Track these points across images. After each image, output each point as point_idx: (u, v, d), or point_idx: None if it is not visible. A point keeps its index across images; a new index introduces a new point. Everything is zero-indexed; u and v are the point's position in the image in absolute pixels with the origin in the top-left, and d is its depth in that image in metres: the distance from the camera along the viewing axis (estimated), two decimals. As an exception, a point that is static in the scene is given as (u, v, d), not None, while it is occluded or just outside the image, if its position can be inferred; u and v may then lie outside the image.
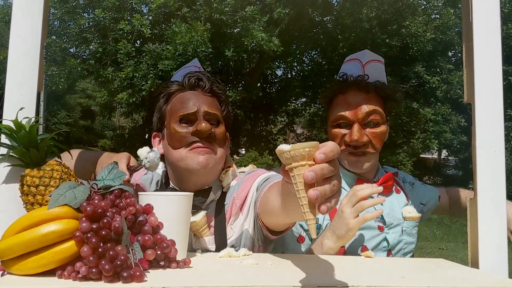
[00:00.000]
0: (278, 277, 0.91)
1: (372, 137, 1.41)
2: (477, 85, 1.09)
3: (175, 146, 1.27)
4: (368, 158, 1.43)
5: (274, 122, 12.99)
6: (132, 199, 0.93)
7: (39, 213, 0.86)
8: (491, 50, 1.08)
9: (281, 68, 12.48)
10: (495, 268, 1.05)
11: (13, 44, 1.05)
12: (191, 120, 1.28)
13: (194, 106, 1.27)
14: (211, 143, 1.26)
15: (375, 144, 1.42)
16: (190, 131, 1.25)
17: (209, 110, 1.28)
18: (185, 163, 1.24)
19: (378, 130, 1.43)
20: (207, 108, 1.28)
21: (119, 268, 0.79)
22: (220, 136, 1.30)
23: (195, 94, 1.31)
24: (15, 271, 0.83)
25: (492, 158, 1.07)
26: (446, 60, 12.69)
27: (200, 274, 0.92)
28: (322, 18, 11.29)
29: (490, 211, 1.07)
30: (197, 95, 1.30)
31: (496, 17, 1.09)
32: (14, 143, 0.97)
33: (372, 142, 1.42)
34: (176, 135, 1.26)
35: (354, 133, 1.39)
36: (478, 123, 1.08)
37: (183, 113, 1.27)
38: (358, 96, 1.42)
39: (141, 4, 9.32)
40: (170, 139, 1.28)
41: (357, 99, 1.42)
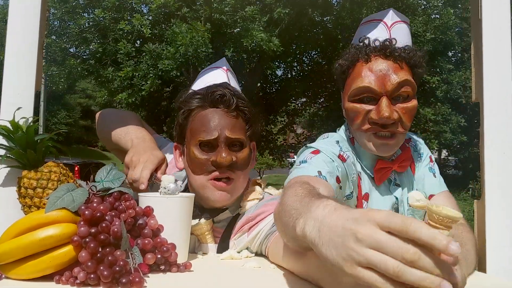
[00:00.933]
0: (280, 280, 0.89)
1: (402, 113, 1.17)
2: (485, 83, 1.06)
3: (195, 172, 1.18)
4: (397, 140, 1.20)
5: (274, 122, 13.00)
6: (131, 202, 0.91)
7: (37, 216, 0.84)
8: (501, 48, 1.06)
9: (281, 68, 12.48)
10: (503, 272, 1.03)
11: (10, 43, 1.03)
12: (212, 145, 1.17)
13: (215, 131, 1.15)
14: (232, 170, 1.17)
15: (405, 121, 1.18)
16: (210, 158, 1.16)
17: (231, 136, 1.16)
18: (204, 191, 1.18)
19: (410, 105, 1.18)
20: (229, 133, 1.16)
21: (118, 274, 0.77)
22: (242, 161, 1.19)
23: (218, 114, 1.18)
24: (13, 275, 0.81)
25: (501, 160, 1.05)
26: (446, 60, 12.69)
27: (201, 278, 0.90)
28: (322, 18, 11.28)
29: (498, 213, 1.04)
30: (219, 115, 1.18)
31: (506, 14, 1.07)
32: (11, 144, 0.95)
33: (402, 119, 1.18)
34: (196, 160, 1.17)
35: (383, 109, 1.14)
36: (486, 123, 1.06)
37: (203, 138, 1.16)
38: (385, 64, 1.17)
39: (141, 4, 9.32)
40: (190, 162, 1.20)
41: (384, 68, 1.17)
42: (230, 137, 1.16)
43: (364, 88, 1.17)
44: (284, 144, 13.52)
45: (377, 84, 1.16)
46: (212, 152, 1.16)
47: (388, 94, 1.16)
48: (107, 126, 1.36)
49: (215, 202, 1.18)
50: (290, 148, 13.64)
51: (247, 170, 1.22)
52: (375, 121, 1.17)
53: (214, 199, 1.17)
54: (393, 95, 1.17)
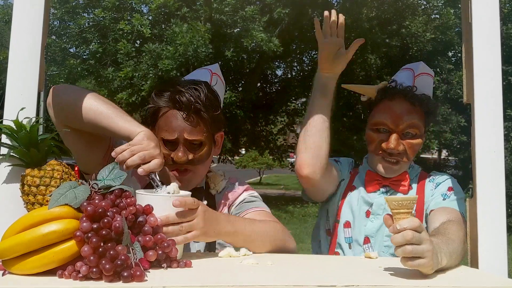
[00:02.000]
0: (278, 277, 0.91)
1: (408, 147, 1.45)
2: (476, 85, 1.09)
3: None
4: (400, 166, 1.48)
5: (274, 122, 13.00)
6: (132, 199, 0.93)
7: (40, 213, 0.86)
8: (491, 50, 1.08)
9: (281, 68, 12.49)
10: (495, 268, 1.05)
11: (14, 44, 1.05)
12: (173, 143, 1.29)
13: (175, 132, 1.27)
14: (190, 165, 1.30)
15: (409, 154, 1.47)
16: (171, 155, 1.29)
17: (188, 138, 1.28)
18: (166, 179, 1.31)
19: (415, 142, 1.46)
20: (187, 135, 1.27)
21: (120, 268, 0.80)
22: (201, 157, 1.31)
23: (179, 116, 1.28)
24: (16, 270, 0.83)
25: (492, 158, 1.07)
26: (446, 60, 12.67)
27: (201, 274, 0.92)
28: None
29: (489, 211, 1.07)
30: (180, 118, 1.28)
31: (496, 17, 1.09)
32: (14, 143, 0.97)
33: (407, 152, 1.46)
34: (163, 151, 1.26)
35: (391, 141, 1.43)
36: (477, 123, 1.08)
37: (164, 137, 1.29)
38: (402, 106, 1.45)
39: (141, 4, 9.32)
40: None
41: (400, 109, 1.45)
42: (188, 138, 1.28)
43: (381, 122, 1.47)
44: (284, 144, 13.52)
45: (392, 122, 1.44)
46: (173, 149, 1.29)
47: (399, 131, 1.44)
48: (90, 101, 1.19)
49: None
50: (290, 148, 13.64)
51: (207, 161, 1.36)
52: (384, 150, 1.46)
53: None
54: (403, 132, 1.45)
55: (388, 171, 1.48)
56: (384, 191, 1.52)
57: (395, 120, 1.44)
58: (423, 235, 0.93)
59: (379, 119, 1.47)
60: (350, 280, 0.87)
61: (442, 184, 1.51)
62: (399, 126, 1.44)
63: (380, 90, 1.52)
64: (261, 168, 22.26)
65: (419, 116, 1.47)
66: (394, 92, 1.47)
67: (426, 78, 1.53)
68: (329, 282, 0.85)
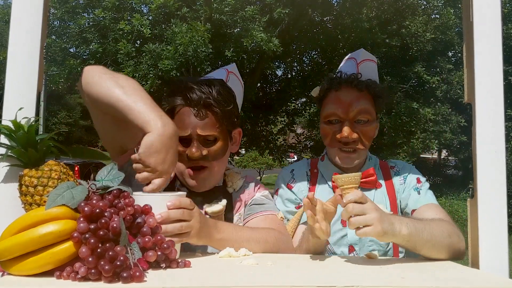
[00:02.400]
0: (278, 277, 0.90)
1: (362, 134, 1.46)
2: (477, 85, 1.08)
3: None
4: (358, 154, 1.48)
5: (274, 122, 12.99)
6: (130, 199, 0.93)
7: (37, 213, 0.85)
8: (492, 50, 1.08)
9: (281, 68, 12.48)
10: (496, 268, 1.05)
11: (13, 44, 1.05)
12: (187, 140, 1.30)
13: (188, 129, 1.28)
14: (205, 162, 1.31)
15: (364, 141, 1.47)
16: (186, 151, 1.30)
17: (201, 133, 1.28)
18: (182, 178, 1.34)
19: (368, 128, 1.47)
20: (201, 131, 1.28)
21: (119, 269, 0.79)
22: (215, 153, 1.32)
23: (191, 112, 1.29)
24: (14, 271, 0.83)
25: (493, 158, 1.07)
26: (446, 60, 12.67)
27: (200, 274, 0.92)
28: (322, 18, 11.28)
29: (490, 211, 1.06)
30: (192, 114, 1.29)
31: (497, 17, 1.08)
32: (13, 143, 0.96)
33: (361, 139, 1.46)
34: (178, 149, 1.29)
35: (344, 130, 1.44)
36: (478, 123, 1.08)
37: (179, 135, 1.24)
38: (350, 94, 1.46)
39: (141, 4, 9.31)
40: None
41: (349, 97, 1.46)
42: (201, 134, 1.29)
43: (332, 113, 1.47)
44: (284, 144, 13.52)
45: (342, 111, 1.45)
46: (188, 146, 1.30)
47: (350, 119, 1.45)
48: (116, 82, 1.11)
49: (192, 188, 1.34)
50: (290, 148, 13.64)
51: (223, 158, 1.36)
52: (339, 140, 1.46)
53: (190, 185, 1.33)
54: (354, 119, 1.46)
55: (346, 161, 1.48)
56: None
57: (345, 108, 1.45)
58: (366, 206, 1.03)
59: (329, 110, 1.47)
60: (350, 280, 0.86)
61: (409, 177, 1.54)
62: (349, 114, 1.44)
63: (326, 82, 1.52)
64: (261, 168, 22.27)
65: (368, 101, 1.47)
66: (340, 81, 1.48)
67: (369, 64, 1.54)
68: (329, 282, 0.85)
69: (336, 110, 1.46)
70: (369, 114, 1.46)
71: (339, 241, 1.45)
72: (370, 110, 1.47)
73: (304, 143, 13.66)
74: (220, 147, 1.33)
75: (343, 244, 1.45)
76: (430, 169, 17.62)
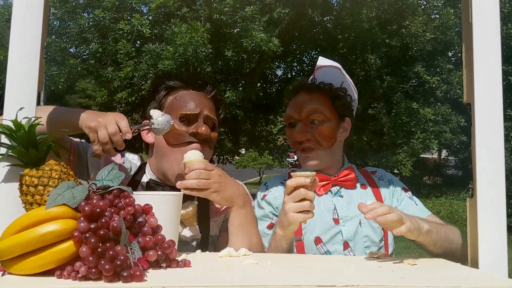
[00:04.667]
0: (278, 277, 0.91)
1: (317, 134, 1.49)
2: (476, 85, 1.08)
3: (171, 142, 1.31)
4: (316, 154, 1.51)
5: (274, 122, 13.00)
6: (131, 199, 0.93)
7: (38, 213, 0.86)
8: (491, 50, 1.08)
9: (281, 68, 12.49)
10: (495, 268, 1.05)
11: (14, 44, 1.05)
12: (191, 120, 1.31)
13: (197, 108, 1.31)
14: (204, 147, 1.33)
15: (321, 141, 1.50)
16: (188, 130, 1.29)
17: (209, 115, 1.34)
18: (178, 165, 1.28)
19: (323, 127, 1.50)
20: (208, 112, 1.34)
21: (119, 268, 0.79)
22: (214, 140, 1.37)
23: (198, 96, 1.35)
24: (15, 271, 0.83)
25: (492, 158, 1.07)
26: (446, 60, 12.68)
27: (200, 274, 0.92)
28: (322, 18, 11.29)
29: (489, 211, 1.06)
30: (200, 97, 1.35)
31: (496, 17, 1.09)
32: (13, 142, 0.97)
33: (317, 139, 1.49)
34: (174, 131, 1.29)
35: (295, 131, 1.51)
36: (477, 123, 1.08)
37: (185, 112, 1.31)
38: (303, 97, 1.54)
39: (141, 4, 9.31)
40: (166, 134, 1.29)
41: (301, 99, 1.53)
42: (209, 115, 1.33)
43: (288, 116, 1.55)
44: (284, 144, 13.52)
45: (295, 112, 1.52)
46: (190, 125, 1.31)
47: (303, 119, 1.50)
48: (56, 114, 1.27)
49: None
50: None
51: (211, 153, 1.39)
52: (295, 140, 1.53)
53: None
54: (307, 120, 1.50)
55: (305, 162, 1.52)
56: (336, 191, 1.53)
57: (297, 109, 1.51)
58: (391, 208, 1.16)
59: (287, 113, 1.56)
60: (350, 280, 0.86)
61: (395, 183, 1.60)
62: (302, 114, 1.50)
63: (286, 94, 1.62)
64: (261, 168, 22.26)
65: (321, 102, 1.52)
66: (296, 88, 1.58)
67: (330, 70, 1.61)
68: (329, 282, 0.85)
69: (290, 112, 1.53)
70: (321, 114, 1.50)
71: (332, 239, 1.46)
72: (321, 109, 1.51)
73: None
74: (217, 136, 1.39)
75: (337, 242, 1.46)
76: (430, 169, 17.61)
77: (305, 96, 1.53)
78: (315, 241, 1.45)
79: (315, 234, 1.45)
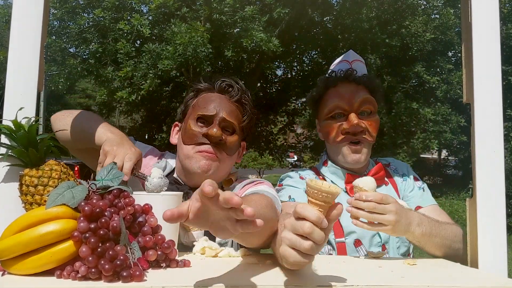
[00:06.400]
0: (278, 277, 0.91)
1: (368, 125, 1.43)
2: (476, 85, 1.09)
3: (185, 141, 1.32)
4: (366, 146, 1.45)
5: (274, 122, 13.01)
6: (131, 199, 0.93)
7: (37, 213, 0.85)
8: (491, 50, 1.08)
9: (281, 68, 12.49)
10: (495, 267, 1.05)
11: (13, 44, 1.05)
12: (208, 121, 1.31)
13: (214, 109, 1.31)
14: (219, 150, 1.30)
15: (371, 132, 1.44)
16: (202, 131, 1.30)
17: (226, 117, 1.30)
18: (189, 162, 1.31)
19: (373, 119, 1.45)
20: (225, 115, 1.30)
21: (119, 268, 0.79)
22: (231, 144, 1.32)
23: (220, 98, 1.34)
24: (15, 271, 0.83)
25: (492, 158, 1.07)
26: (446, 60, 12.69)
27: (200, 274, 0.92)
28: (322, 18, 11.29)
29: (489, 211, 1.07)
30: (221, 100, 1.33)
31: (495, 17, 1.09)
32: (13, 142, 0.97)
33: (368, 129, 1.43)
34: (189, 131, 1.31)
35: (352, 119, 1.40)
36: (477, 123, 1.08)
37: (202, 113, 1.31)
38: (349, 87, 1.45)
39: (141, 4, 9.32)
40: (183, 133, 1.34)
41: (348, 90, 1.44)
42: (226, 118, 1.30)
43: (336, 106, 1.44)
44: (284, 144, 13.53)
45: (345, 103, 1.43)
46: (207, 127, 1.30)
47: (355, 110, 1.42)
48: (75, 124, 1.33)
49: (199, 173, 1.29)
50: (290, 148, 13.65)
51: (232, 158, 1.36)
52: (347, 131, 1.42)
53: (199, 167, 1.29)
54: (358, 110, 1.43)
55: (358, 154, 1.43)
56: None
57: (348, 100, 1.43)
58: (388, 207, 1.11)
59: (332, 103, 1.44)
60: (350, 280, 0.86)
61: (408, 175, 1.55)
62: (354, 104, 1.42)
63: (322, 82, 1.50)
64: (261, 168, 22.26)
65: (367, 93, 1.46)
66: (336, 79, 1.47)
67: (361, 64, 1.54)
68: (328, 282, 0.85)
69: (339, 103, 1.43)
70: (371, 105, 1.45)
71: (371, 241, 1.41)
72: (371, 100, 1.45)
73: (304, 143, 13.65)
74: (235, 142, 1.34)
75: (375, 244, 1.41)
76: (430, 169, 17.63)
77: (351, 86, 1.45)
78: (355, 243, 1.40)
79: (354, 237, 1.40)
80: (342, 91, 1.44)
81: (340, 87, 1.45)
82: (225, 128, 1.32)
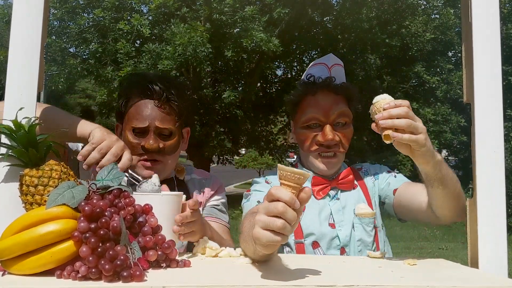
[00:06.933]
0: (278, 276, 0.91)
1: (341, 137, 1.46)
2: (476, 85, 1.08)
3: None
4: (338, 158, 1.48)
5: (274, 122, 13.00)
6: (131, 199, 0.93)
7: (38, 212, 0.86)
8: (491, 50, 1.08)
9: (281, 68, 12.49)
10: (495, 268, 1.05)
11: (14, 44, 1.05)
12: (143, 132, 1.33)
13: (146, 120, 1.32)
14: (160, 155, 1.34)
15: (344, 143, 1.47)
16: (140, 143, 1.32)
17: (159, 126, 1.32)
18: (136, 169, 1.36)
19: (347, 131, 1.48)
20: (159, 123, 1.32)
21: (119, 268, 0.80)
22: (170, 147, 1.36)
23: (150, 105, 1.33)
24: (15, 271, 0.83)
25: (492, 158, 1.07)
26: (446, 60, 12.70)
27: (200, 274, 0.92)
28: (322, 18, 11.29)
29: (489, 211, 1.06)
30: (151, 106, 1.33)
31: (496, 17, 1.09)
32: (13, 143, 0.97)
33: (341, 141, 1.46)
34: (128, 144, 1.31)
35: (327, 133, 1.43)
36: (477, 123, 1.08)
37: (135, 125, 1.33)
38: (328, 97, 1.46)
39: (141, 4, 9.32)
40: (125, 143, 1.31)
41: (327, 101, 1.45)
42: (159, 126, 1.32)
43: (312, 117, 1.46)
44: (284, 144, 13.52)
45: (322, 114, 1.44)
46: (143, 137, 1.32)
47: (331, 122, 1.44)
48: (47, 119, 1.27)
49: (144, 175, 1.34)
50: (290, 148, 13.64)
51: (176, 154, 1.41)
52: (321, 143, 1.45)
53: (143, 175, 1.35)
54: (334, 122, 1.45)
55: (329, 166, 1.46)
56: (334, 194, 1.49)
57: (325, 112, 1.44)
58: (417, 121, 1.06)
59: (309, 114, 1.45)
60: (350, 280, 0.86)
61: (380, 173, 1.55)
62: (330, 117, 1.44)
63: (301, 87, 1.50)
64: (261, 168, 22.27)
65: (345, 103, 1.48)
66: (316, 86, 1.47)
67: (340, 68, 1.54)
68: (328, 282, 0.85)
69: (316, 114, 1.45)
70: (347, 117, 1.47)
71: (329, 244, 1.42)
72: (348, 112, 1.48)
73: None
74: (175, 142, 1.37)
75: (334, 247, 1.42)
76: (430, 169, 17.58)
77: (330, 96, 1.46)
78: (313, 245, 1.42)
79: (312, 239, 1.42)
80: (321, 101, 1.46)
81: (318, 96, 1.46)
82: (162, 133, 1.34)
